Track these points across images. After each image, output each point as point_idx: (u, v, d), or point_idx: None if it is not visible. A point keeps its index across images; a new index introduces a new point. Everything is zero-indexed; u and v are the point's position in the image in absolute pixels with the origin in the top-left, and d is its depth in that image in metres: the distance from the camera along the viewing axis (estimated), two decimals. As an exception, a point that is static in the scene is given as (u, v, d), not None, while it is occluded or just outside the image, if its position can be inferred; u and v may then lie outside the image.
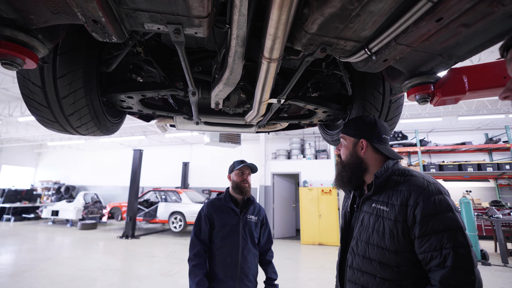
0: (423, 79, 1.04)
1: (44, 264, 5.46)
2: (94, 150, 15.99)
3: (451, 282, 0.77)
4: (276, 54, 0.89)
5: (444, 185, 0.95)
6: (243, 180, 1.84)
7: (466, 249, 0.79)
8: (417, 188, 0.91)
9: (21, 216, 12.19)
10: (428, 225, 0.84)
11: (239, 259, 1.72)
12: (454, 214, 0.84)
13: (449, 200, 0.88)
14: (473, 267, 0.78)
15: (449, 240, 0.80)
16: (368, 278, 0.94)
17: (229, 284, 1.68)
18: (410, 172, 0.99)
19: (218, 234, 1.75)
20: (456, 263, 0.78)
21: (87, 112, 1.25)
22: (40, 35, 0.86)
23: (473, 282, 0.77)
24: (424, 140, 9.60)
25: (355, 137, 1.13)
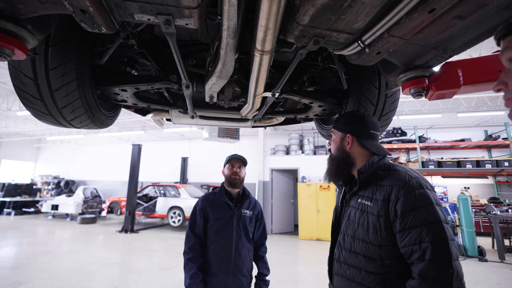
0: (417, 73, 1.03)
1: (44, 258, 5.50)
2: (93, 145, 15.98)
3: (429, 275, 0.79)
4: (268, 46, 0.88)
5: (428, 180, 0.95)
6: (233, 173, 1.85)
7: (444, 242, 0.81)
8: (398, 183, 0.92)
9: (21, 210, 12.24)
10: (408, 220, 0.86)
11: (233, 253, 1.73)
12: (434, 208, 0.85)
13: (430, 194, 0.89)
14: (451, 260, 0.79)
15: (427, 234, 0.82)
16: (354, 271, 0.96)
17: (222, 278, 1.69)
18: (394, 167, 1.00)
19: (212, 228, 1.76)
20: (434, 256, 0.79)
21: (80, 105, 1.24)
22: (30, 26, 0.85)
23: (450, 274, 0.78)
24: (423, 137, 9.60)
25: (343, 132, 1.15)
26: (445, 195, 9.62)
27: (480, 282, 4.40)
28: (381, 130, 1.63)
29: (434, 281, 0.78)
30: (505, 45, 0.54)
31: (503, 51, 0.54)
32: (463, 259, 5.76)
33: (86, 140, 15.76)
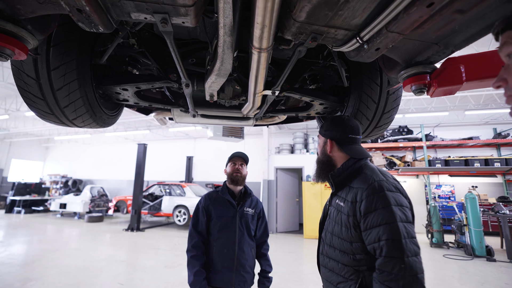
0: (419, 69, 1.01)
1: (53, 255, 5.61)
2: (99, 144, 16.20)
3: (385, 269, 0.89)
4: (265, 44, 0.88)
5: (397, 180, 1.06)
6: (235, 170, 1.87)
7: (398, 240, 0.89)
8: (362, 186, 1.02)
9: (31, 208, 12.49)
10: (369, 220, 0.95)
11: (236, 250, 1.75)
12: (391, 208, 0.93)
13: (390, 195, 0.96)
14: (403, 257, 0.87)
15: (384, 233, 0.91)
16: (333, 264, 1.08)
17: (226, 275, 1.71)
18: (363, 170, 1.09)
19: (216, 226, 1.78)
20: (388, 253, 0.89)
21: (82, 104, 1.26)
22: (30, 26, 0.86)
23: (403, 269, 0.86)
24: (430, 135, 9.46)
25: (324, 137, 1.25)
26: (453, 194, 9.48)
27: (488, 282, 4.33)
28: (383, 128, 1.61)
29: (389, 274, 0.88)
30: (504, 40, 0.52)
31: (502, 47, 0.53)
32: (470, 259, 5.67)
33: (93, 140, 15.98)
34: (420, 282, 0.87)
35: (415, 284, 0.86)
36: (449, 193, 9.35)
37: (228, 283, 1.70)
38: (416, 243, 0.91)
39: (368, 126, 1.56)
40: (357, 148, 1.18)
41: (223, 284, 1.71)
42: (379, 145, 9.52)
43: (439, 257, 5.96)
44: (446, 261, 5.60)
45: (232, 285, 1.71)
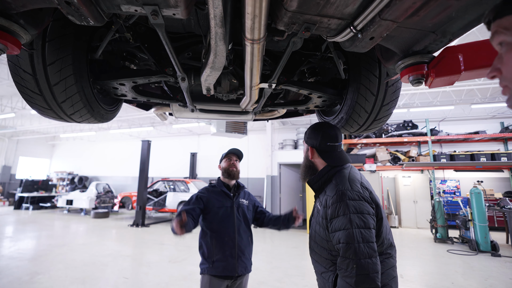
0: (416, 59, 0.99)
1: (60, 250, 5.73)
2: (104, 141, 16.36)
3: (342, 267, 1.04)
4: (257, 34, 0.87)
5: (365, 187, 1.16)
6: (231, 165, 2.00)
7: (352, 244, 1.02)
8: (330, 194, 1.15)
9: (39, 205, 12.73)
10: (333, 225, 1.10)
11: (236, 238, 1.84)
12: (350, 216, 1.05)
13: (350, 204, 1.07)
14: (355, 258, 1.00)
15: (341, 237, 1.05)
16: (317, 256, 1.23)
17: (228, 262, 1.79)
18: (335, 178, 1.20)
19: (215, 217, 1.86)
20: (343, 254, 1.04)
21: (79, 99, 1.27)
22: (22, 20, 0.86)
23: (354, 269, 1.00)
24: (435, 130, 9.34)
25: (307, 144, 1.35)
26: (458, 189, 9.37)
27: (492, 277, 4.29)
28: (383, 121, 1.59)
29: (345, 271, 1.03)
30: (494, 29, 0.50)
31: (493, 35, 0.51)
32: (474, 254, 5.62)
33: (98, 137, 16.14)
34: (371, 280, 0.98)
35: (366, 281, 0.98)
36: (454, 188, 9.25)
37: (232, 270, 1.79)
38: (371, 247, 1.02)
39: (367, 119, 1.54)
40: (334, 156, 1.28)
41: (227, 272, 1.78)
42: (383, 140, 9.44)
43: (443, 252, 5.92)
44: (450, 256, 5.56)
45: (235, 272, 1.80)
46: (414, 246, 6.46)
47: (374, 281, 0.99)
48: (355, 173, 1.23)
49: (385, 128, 9.60)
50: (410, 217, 9.10)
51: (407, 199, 9.24)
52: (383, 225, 1.13)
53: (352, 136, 9.72)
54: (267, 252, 6.01)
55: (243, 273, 1.85)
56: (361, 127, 1.62)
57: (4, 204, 13.76)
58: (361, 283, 0.99)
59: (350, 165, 1.29)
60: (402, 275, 4.40)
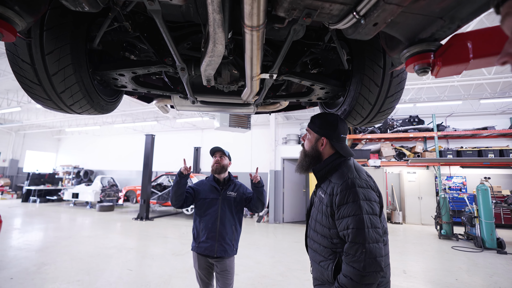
0: (422, 47, 0.94)
1: (66, 242, 5.83)
2: (109, 135, 16.50)
3: (350, 252, 1.07)
4: (256, 21, 0.84)
5: (370, 177, 1.22)
6: (216, 162, 2.29)
7: (362, 229, 1.06)
8: (338, 181, 1.18)
9: (46, 198, 12.97)
10: (341, 211, 1.12)
11: (218, 225, 2.15)
12: (359, 202, 1.09)
13: (360, 191, 1.11)
14: (364, 243, 1.04)
15: (351, 223, 1.08)
16: (316, 245, 1.26)
17: (210, 244, 2.13)
18: (341, 167, 1.23)
19: (202, 206, 2.20)
20: (353, 239, 1.07)
21: (78, 90, 1.25)
22: (17, 7, 0.85)
23: (363, 253, 1.04)
24: (441, 125, 9.18)
25: (318, 134, 1.35)
26: (464, 185, 9.25)
27: (497, 274, 4.24)
28: (387, 113, 1.55)
29: (353, 257, 1.06)
30: (505, 11, 0.47)
31: (503, 19, 0.47)
32: (479, 251, 5.56)
33: (102, 131, 16.28)
34: (378, 264, 1.03)
35: (373, 265, 1.03)
36: (460, 184, 9.12)
37: (211, 251, 2.12)
38: (378, 232, 1.08)
39: (371, 111, 1.50)
40: (345, 147, 1.32)
41: (207, 252, 2.12)
42: (388, 136, 9.33)
43: (448, 248, 5.87)
44: (454, 253, 5.52)
45: (214, 253, 2.11)
46: (418, 242, 6.42)
47: (380, 265, 1.04)
48: (356, 163, 1.28)
49: (390, 123, 9.48)
50: (415, 213, 9.04)
51: (412, 195, 9.16)
52: (382, 213, 1.20)
53: (357, 131, 9.62)
54: (270, 246, 6.04)
55: (222, 255, 2.13)
56: (364, 119, 1.58)
57: (12, 197, 14.04)
58: (368, 267, 1.03)
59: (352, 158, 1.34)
60: (405, 270, 4.39)
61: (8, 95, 11.07)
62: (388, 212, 9.08)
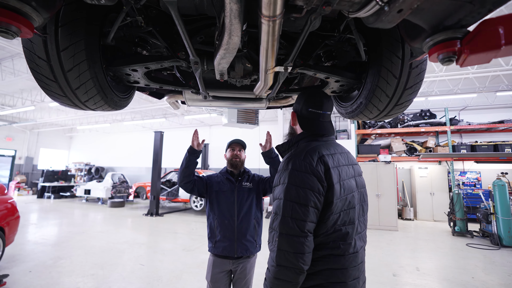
0: (448, 35, 0.89)
1: (79, 237, 5.98)
2: (118, 133, 16.77)
3: (269, 238, 1.01)
4: (274, 10, 0.81)
5: (323, 162, 1.02)
6: (234, 155, 2.10)
7: (279, 215, 0.96)
8: (282, 161, 1.09)
9: (59, 194, 13.34)
10: (274, 193, 1.06)
11: (236, 221, 1.93)
12: (287, 186, 0.98)
13: (294, 174, 0.98)
14: (279, 230, 0.95)
15: (274, 206, 1.01)
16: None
17: (228, 244, 1.91)
18: (297, 146, 1.13)
19: (216, 200, 1.99)
20: (270, 223, 1.01)
21: (92, 86, 1.25)
22: (34, 2, 0.84)
23: (276, 242, 0.95)
24: (455, 119, 8.93)
25: (292, 109, 1.27)
26: (478, 181, 9.00)
27: (515, 272, 4.13)
28: (404, 106, 1.50)
29: (270, 244, 0.99)
30: None
31: None
32: (496, 249, 5.42)
33: (112, 129, 16.55)
34: (292, 260, 0.91)
35: (285, 260, 0.92)
36: (474, 180, 8.88)
37: (230, 251, 1.90)
38: (301, 225, 0.93)
39: (388, 104, 1.45)
40: (314, 124, 1.16)
41: (226, 252, 1.90)
42: (398, 130, 9.15)
43: (462, 245, 5.74)
44: (469, 250, 5.39)
45: (234, 253, 1.90)
46: (431, 239, 6.31)
47: (295, 262, 0.91)
48: (324, 146, 1.08)
49: (401, 117, 9.28)
50: (427, 209, 8.87)
51: (424, 191, 8.99)
52: (335, 211, 0.98)
53: (366, 126, 9.46)
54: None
55: (243, 254, 1.92)
56: (381, 112, 1.53)
57: (28, 193, 14.48)
58: (280, 260, 0.93)
59: (330, 140, 1.16)
60: (418, 267, 4.32)
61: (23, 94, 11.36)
62: (399, 208, 8.93)
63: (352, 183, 1.08)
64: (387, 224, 7.37)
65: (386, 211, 7.46)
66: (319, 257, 0.97)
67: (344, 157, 1.12)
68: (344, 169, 1.07)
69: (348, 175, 1.08)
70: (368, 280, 2.65)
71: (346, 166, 1.10)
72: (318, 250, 0.97)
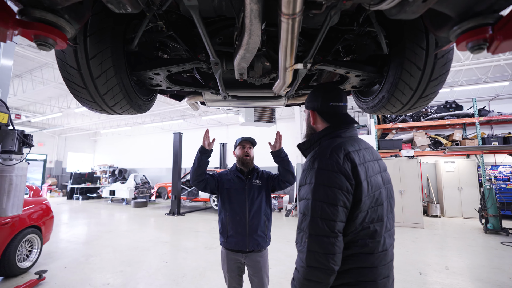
0: (477, 21, 0.84)
1: (107, 235, 6.29)
2: (139, 135, 17.37)
3: (297, 239, 1.00)
4: (294, 8, 0.80)
5: (350, 160, 0.98)
6: (245, 153, 2.15)
7: (308, 216, 0.94)
8: (306, 159, 1.07)
9: (87, 195, 14.09)
10: (300, 193, 1.03)
11: (247, 217, 2.00)
12: (315, 186, 0.95)
13: (321, 173, 0.95)
14: (308, 231, 0.93)
15: (302, 206, 0.99)
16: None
17: (240, 239, 1.99)
18: (318, 145, 1.10)
19: (228, 197, 2.06)
20: (299, 224, 0.99)
21: (119, 91, 1.32)
22: (66, 15, 0.90)
23: (306, 243, 0.93)
24: (484, 110, 8.40)
25: (307, 109, 1.24)
26: (513, 175, 8.42)
27: (557, 272, 3.83)
28: (429, 98, 1.44)
29: (299, 246, 0.97)
30: None
31: None
32: (534, 246, 5.06)
33: (133, 131, 17.18)
34: (322, 261, 0.89)
35: (315, 260, 0.90)
36: (508, 174, 8.30)
37: (242, 245, 1.99)
38: (331, 225, 0.91)
39: (412, 97, 1.40)
40: (339, 117, 1.16)
41: (238, 247, 2.00)
42: (421, 124, 8.76)
43: (496, 244, 5.42)
44: (504, 249, 5.07)
45: (246, 247, 1.99)
46: (460, 237, 6.00)
47: (325, 263, 0.89)
48: (348, 143, 1.05)
49: (424, 110, 8.87)
50: (455, 205, 8.44)
51: (451, 187, 8.56)
52: (363, 209, 0.95)
53: (387, 120, 9.15)
54: (300, 240, 6.00)
55: (255, 248, 2.00)
56: (404, 106, 1.48)
57: (59, 195, 15.39)
58: (310, 261, 0.91)
59: (352, 135, 1.13)
60: (447, 266, 4.13)
61: (51, 101, 12.08)
62: (424, 204, 8.56)
63: (378, 179, 1.05)
64: (412, 221, 7.10)
65: (411, 208, 7.18)
66: (348, 256, 0.95)
67: (368, 153, 1.08)
68: (370, 165, 1.04)
69: (375, 171, 1.05)
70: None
71: (372, 162, 1.06)
72: (346, 248, 0.95)
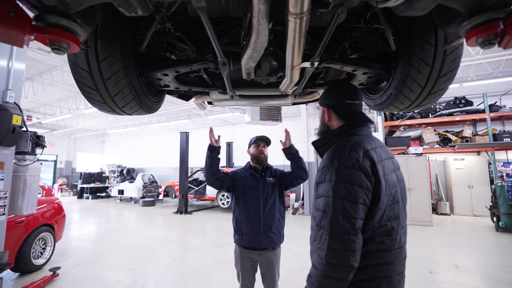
0: (488, 16, 0.83)
1: (117, 234, 6.40)
2: (146, 135, 17.58)
3: (316, 237, 0.99)
4: (301, 7, 0.81)
5: (369, 157, 0.98)
6: (259, 152, 2.19)
7: (329, 214, 0.94)
8: (325, 157, 1.06)
9: (96, 194, 14.35)
10: (317, 191, 1.03)
11: (262, 215, 2.04)
12: (335, 183, 0.95)
13: (341, 170, 0.95)
14: (329, 229, 0.92)
15: (321, 204, 0.98)
16: (312, 222, 1.08)
17: (254, 236, 2.02)
18: (337, 141, 1.11)
19: (242, 195, 2.10)
20: (319, 222, 0.97)
21: (128, 92, 1.34)
22: (79, 19, 0.92)
23: (326, 240, 0.92)
24: (495, 105, 8.21)
25: (322, 106, 1.24)
26: (526, 172, 8.23)
27: None
28: (438, 95, 1.42)
29: (318, 243, 0.96)
30: None
31: None
32: (548, 244, 4.95)
33: (140, 131, 17.38)
34: (343, 258, 0.89)
35: (336, 258, 0.90)
36: (521, 171, 8.12)
37: (257, 243, 2.02)
38: (351, 223, 0.91)
39: (420, 94, 1.38)
40: (355, 115, 1.16)
41: (253, 244, 2.03)
42: (430, 120, 8.62)
43: (508, 242, 5.31)
44: (516, 246, 4.98)
45: (261, 245, 2.02)
46: (471, 235, 5.91)
47: (346, 260, 0.89)
48: (366, 141, 1.06)
49: (432, 106, 8.73)
50: (465, 203, 8.30)
51: (461, 184, 8.41)
52: (381, 207, 0.96)
53: (394, 117, 9.03)
54: (307, 239, 6.00)
55: (269, 245, 2.03)
56: (412, 103, 1.47)
57: (69, 194, 15.73)
58: (331, 258, 0.91)
59: (367, 133, 1.14)
60: (457, 265, 4.07)
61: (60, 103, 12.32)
62: (433, 202, 8.45)
63: (394, 178, 1.05)
64: (421, 219, 7.02)
65: (419, 206, 7.10)
66: (365, 253, 0.96)
67: (384, 151, 1.09)
68: (386, 163, 1.05)
69: (390, 169, 1.06)
70: (403, 277, 2.56)
71: (387, 160, 1.07)
72: (364, 245, 0.96)
